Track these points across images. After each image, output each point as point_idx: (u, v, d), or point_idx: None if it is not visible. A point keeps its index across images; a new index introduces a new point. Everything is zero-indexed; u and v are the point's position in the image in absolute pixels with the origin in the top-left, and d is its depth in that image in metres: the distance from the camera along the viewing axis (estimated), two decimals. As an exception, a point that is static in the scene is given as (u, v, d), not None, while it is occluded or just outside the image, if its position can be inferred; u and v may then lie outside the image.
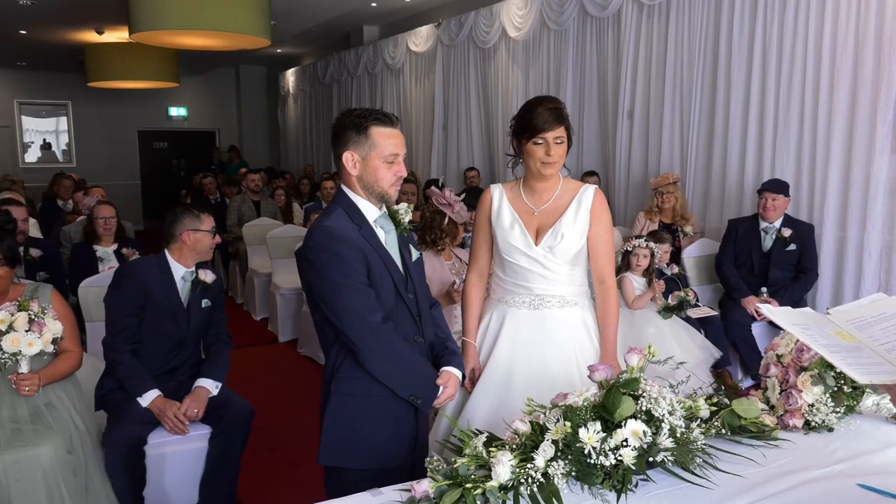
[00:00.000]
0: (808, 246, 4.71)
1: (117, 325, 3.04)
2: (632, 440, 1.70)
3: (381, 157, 2.14)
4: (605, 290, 2.58)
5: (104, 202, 5.20)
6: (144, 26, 7.22)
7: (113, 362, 3.05)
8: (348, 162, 2.15)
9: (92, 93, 13.54)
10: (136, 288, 3.06)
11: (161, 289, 3.10)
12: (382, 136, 2.14)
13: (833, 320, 1.62)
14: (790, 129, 5.05)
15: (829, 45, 4.75)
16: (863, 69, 4.56)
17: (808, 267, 4.70)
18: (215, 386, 3.15)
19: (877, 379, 1.51)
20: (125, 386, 3.01)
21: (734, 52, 5.38)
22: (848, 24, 4.63)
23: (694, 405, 1.89)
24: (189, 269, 3.21)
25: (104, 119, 14.98)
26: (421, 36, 9.37)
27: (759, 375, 2.31)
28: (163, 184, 15.53)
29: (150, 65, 10.84)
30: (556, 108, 2.43)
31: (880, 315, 1.60)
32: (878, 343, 1.55)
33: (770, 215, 4.70)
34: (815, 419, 2.10)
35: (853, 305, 1.68)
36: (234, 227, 7.77)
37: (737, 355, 4.66)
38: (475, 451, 1.75)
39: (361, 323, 2.07)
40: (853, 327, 1.59)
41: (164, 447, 3.03)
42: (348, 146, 2.15)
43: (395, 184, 2.18)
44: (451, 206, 3.67)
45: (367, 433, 2.15)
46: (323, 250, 2.07)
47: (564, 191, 2.56)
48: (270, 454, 4.00)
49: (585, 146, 6.97)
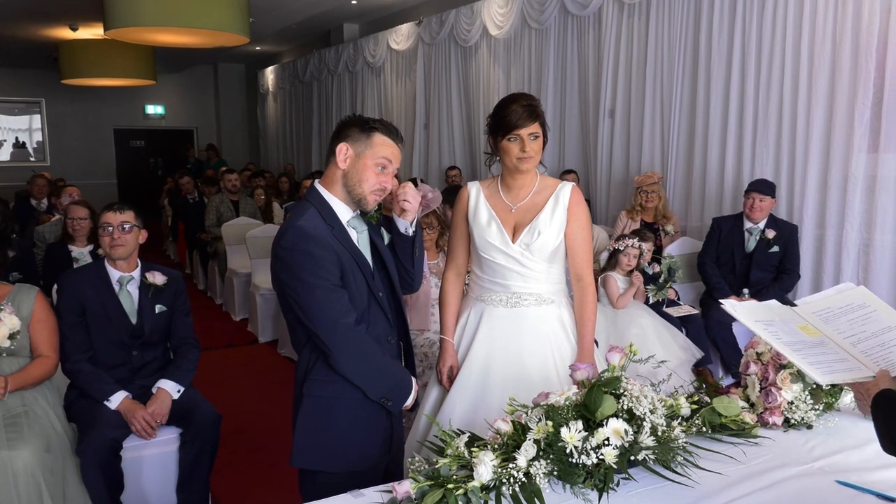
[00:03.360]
0: (791, 247, 4.73)
1: (65, 335, 3.01)
2: (613, 439, 1.71)
3: (374, 157, 2.12)
4: (583, 288, 2.58)
5: (77, 202, 5.13)
6: (119, 23, 7.14)
7: (71, 373, 3.03)
8: (341, 153, 2.12)
9: (66, 90, 13.37)
10: (72, 297, 3.04)
11: (97, 296, 3.06)
12: (382, 143, 2.13)
13: (799, 313, 1.63)
14: (769, 127, 5.10)
15: (807, 44, 4.81)
16: (840, 69, 4.62)
17: (790, 268, 4.73)
18: (177, 389, 3.10)
19: (837, 378, 1.51)
20: (90, 393, 2.98)
21: (714, 51, 5.43)
22: (826, 24, 4.69)
23: (675, 403, 1.91)
24: (127, 274, 3.15)
25: (79, 117, 14.81)
26: (402, 34, 9.36)
27: (740, 373, 2.33)
28: (140, 183, 15.39)
29: (125, 62, 10.72)
30: (531, 105, 2.44)
31: (847, 306, 1.61)
32: (844, 336, 1.56)
33: (756, 216, 4.72)
34: (795, 416, 2.13)
35: (820, 296, 1.68)
36: (213, 227, 7.72)
37: (717, 354, 4.70)
38: (457, 451, 1.75)
39: (334, 325, 2.05)
40: (819, 320, 1.60)
41: (141, 450, 3.00)
42: (347, 139, 2.13)
43: (376, 192, 2.15)
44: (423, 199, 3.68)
45: (340, 436, 2.14)
46: (296, 250, 2.06)
47: (541, 188, 2.56)
48: (250, 456, 3.97)
49: (567, 145, 7.00)
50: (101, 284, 3.10)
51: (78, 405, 3.01)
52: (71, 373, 3.03)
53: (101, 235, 3.11)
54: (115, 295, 3.11)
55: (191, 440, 3.05)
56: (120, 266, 3.14)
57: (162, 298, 3.19)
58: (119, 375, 3.07)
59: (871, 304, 1.59)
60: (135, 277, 3.17)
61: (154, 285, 3.17)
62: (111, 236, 3.09)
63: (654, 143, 6.08)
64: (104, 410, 2.94)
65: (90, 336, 3.04)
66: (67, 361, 3.01)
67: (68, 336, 3.01)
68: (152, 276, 3.17)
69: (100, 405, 2.95)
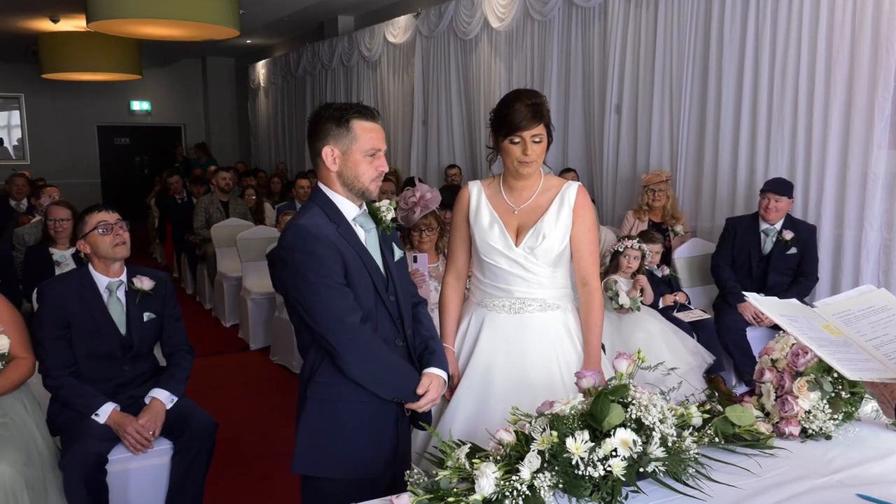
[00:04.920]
0: (809, 249, 4.70)
1: (45, 350, 2.95)
2: (621, 450, 1.70)
3: (362, 151, 2.14)
4: (589, 293, 2.58)
5: (58, 203, 5.13)
6: (103, 14, 7.15)
7: (53, 388, 2.98)
8: (328, 157, 2.14)
9: (47, 85, 13.37)
10: (54, 308, 2.96)
11: (82, 305, 2.99)
12: (364, 130, 2.14)
13: (820, 314, 1.63)
14: (784, 123, 5.10)
15: (824, 36, 4.80)
16: (859, 61, 4.62)
17: (808, 270, 4.70)
18: (170, 399, 3.07)
19: (865, 376, 1.52)
20: (75, 407, 2.94)
21: (726, 43, 5.42)
22: (844, 15, 4.68)
23: (686, 413, 1.90)
24: (116, 279, 3.08)
25: (60, 113, 14.81)
26: (399, 26, 9.36)
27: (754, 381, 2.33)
28: (125, 182, 15.39)
29: (109, 55, 10.73)
30: (536, 104, 2.42)
31: (868, 308, 1.61)
32: (866, 339, 1.56)
33: (771, 217, 4.69)
34: (813, 426, 2.12)
35: (840, 298, 1.69)
36: (202, 229, 7.71)
37: (730, 360, 4.69)
38: (458, 462, 1.74)
39: (339, 324, 2.07)
40: (840, 321, 1.60)
41: (128, 463, 2.98)
42: (328, 140, 2.14)
43: (376, 179, 2.18)
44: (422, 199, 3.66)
45: (344, 441, 2.15)
46: (297, 249, 2.07)
47: (546, 188, 2.55)
48: (241, 468, 3.96)
49: (570, 142, 7.01)
50: (88, 293, 3.02)
51: (62, 417, 2.98)
52: (52, 388, 2.98)
53: (99, 237, 3.00)
54: (103, 305, 3.04)
55: (185, 449, 3.02)
56: (110, 270, 3.07)
57: (150, 305, 3.14)
58: (106, 389, 3.02)
59: (893, 306, 1.60)
60: (123, 282, 3.12)
61: (141, 291, 3.11)
62: (114, 234, 3.00)
63: (662, 139, 6.08)
64: (90, 422, 2.91)
65: (74, 350, 2.98)
66: (48, 377, 2.96)
67: (49, 351, 2.94)
68: (139, 281, 3.11)
69: (87, 418, 2.92)
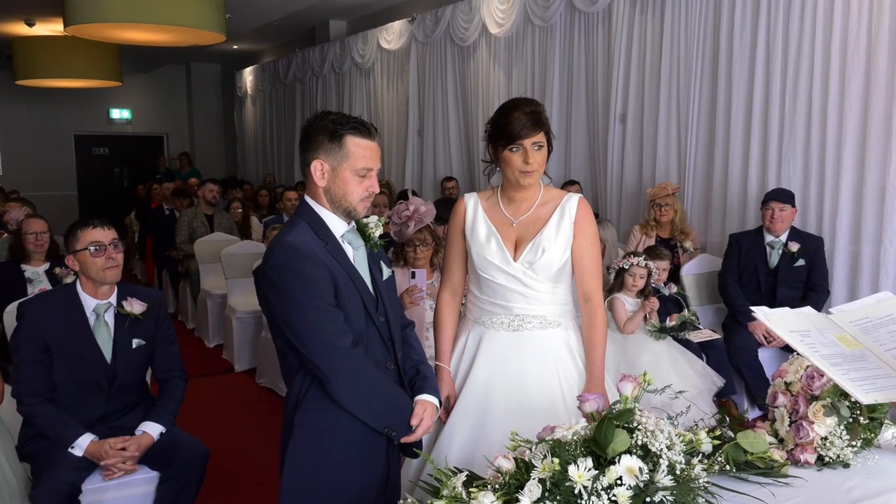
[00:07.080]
0: (817, 261, 4.75)
1: (21, 374, 2.91)
2: (626, 478, 1.69)
3: (352, 169, 2.14)
4: (592, 309, 2.58)
5: (34, 215, 5.13)
6: (81, 18, 7.17)
7: (27, 416, 2.95)
8: (316, 171, 2.15)
9: (21, 92, 13.37)
10: (34, 330, 2.91)
11: (66, 329, 2.94)
12: (358, 148, 2.15)
13: (836, 321, 1.63)
14: (797, 134, 5.12)
15: (839, 41, 4.83)
16: (876, 68, 4.64)
17: (819, 284, 4.73)
18: (158, 432, 3.05)
19: (881, 397, 1.52)
20: (50, 437, 2.91)
21: (736, 49, 5.45)
22: (860, 19, 4.71)
23: (695, 439, 1.90)
24: (105, 301, 3.03)
25: (35, 122, 14.80)
26: (393, 32, 9.41)
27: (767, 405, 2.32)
28: (103, 195, 15.37)
29: (88, 61, 10.74)
30: (535, 112, 2.45)
31: (887, 316, 1.61)
32: (886, 348, 1.56)
33: (777, 228, 4.74)
34: (829, 454, 2.11)
35: (857, 305, 1.69)
36: (185, 244, 7.70)
37: (742, 383, 4.69)
38: (454, 491, 1.73)
39: (329, 347, 2.06)
40: (858, 329, 1.60)
41: (103, 493, 2.96)
42: (318, 154, 2.14)
43: (364, 199, 2.18)
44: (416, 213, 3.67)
45: (334, 472, 2.14)
46: (285, 268, 2.07)
47: (546, 200, 2.57)
48: (225, 498, 3.94)
49: (573, 153, 7.02)
50: (74, 316, 2.98)
51: (34, 445, 2.94)
52: (26, 416, 2.96)
53: (90, 257, 2.95)
54: (89, 330, 2.99)
55: (174, 478, 2.99)
56: (98, 292, 3.02)
57: (140, 330, 3.09)
58: (85, 419, 2.98)
59: None
60: (112, 305, 3.07)
61: (131, 315, 3.06)
62: (106, 257, 2.95)
63: (669, 151, 6.09)
64: (65, 452, 2.88)
65: (53, 375, 2.94)
66: (21, 404, 2.93)
67: (25, 375, 2.91)
68: (129, 305, 3.06)
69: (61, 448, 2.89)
